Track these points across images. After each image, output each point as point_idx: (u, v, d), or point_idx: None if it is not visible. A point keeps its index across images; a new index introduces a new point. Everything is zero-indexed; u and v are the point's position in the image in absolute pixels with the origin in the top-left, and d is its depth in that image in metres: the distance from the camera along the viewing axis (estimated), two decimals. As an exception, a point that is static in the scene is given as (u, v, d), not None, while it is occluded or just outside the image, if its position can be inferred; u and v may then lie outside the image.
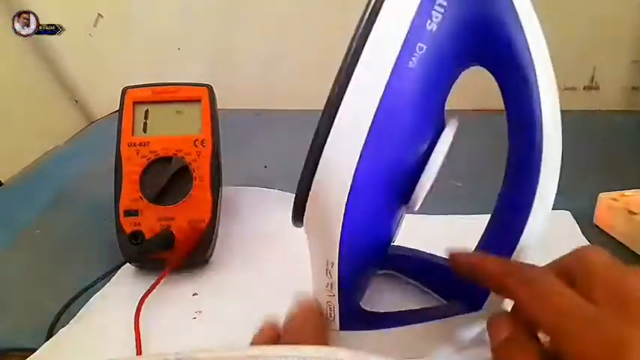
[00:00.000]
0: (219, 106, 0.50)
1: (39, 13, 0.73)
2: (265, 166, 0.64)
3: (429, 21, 0.27)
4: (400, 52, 0.27)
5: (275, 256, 0.47)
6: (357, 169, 0.28)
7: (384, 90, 0.27)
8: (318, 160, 0.28)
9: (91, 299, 0.42)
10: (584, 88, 0.79)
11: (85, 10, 0.81)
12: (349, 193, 0.28)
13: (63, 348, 0.37)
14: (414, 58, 0.27)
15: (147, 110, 0.49)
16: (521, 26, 0.28)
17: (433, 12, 0.27)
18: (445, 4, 0.27)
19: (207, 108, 0.49)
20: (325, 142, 0.28)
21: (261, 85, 0.83)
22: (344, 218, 0.29)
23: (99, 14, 0.80)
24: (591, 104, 0.79)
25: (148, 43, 0.82)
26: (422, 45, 0.27)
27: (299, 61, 0.81)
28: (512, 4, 0.28)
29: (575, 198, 0.52)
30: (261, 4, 0.80)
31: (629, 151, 0.65)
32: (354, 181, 0.28)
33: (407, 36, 0.27)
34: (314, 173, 0.28)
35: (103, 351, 0.37)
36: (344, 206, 0.29)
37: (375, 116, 0.27)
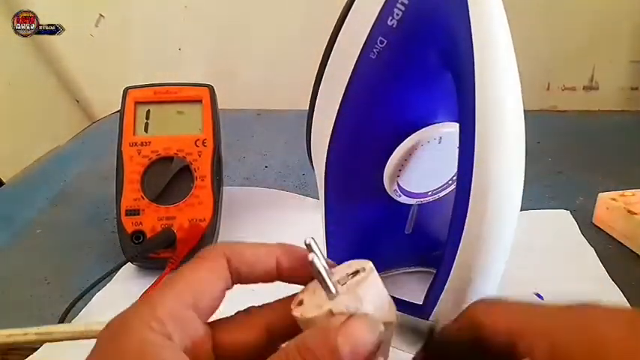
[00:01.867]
0: (220, 106, 0.50)
1: (39, 13, 0.73)
2: (265, 167, 0.65)
3: (390, 17, 0.29)
4: (364, 44, 0.30)
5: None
6: (335, 124, 0.33)
7: (350, 74, 0.31)
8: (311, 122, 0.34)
9: (93, 298, 0.42)
10: (583, 89, 0.79)
11: (85, 10, 0.81)
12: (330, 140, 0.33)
13: (63, 347, 0.37)
14: (375, 50, 0.30)
15: (148, 110, 0.49)
16: (469, 27, 0.27)
17: (395, 9, 0.29)
18: (406, 2, 0.29)
19: (208, 108, 0.49)
20: (316, 94, 0.33)
21: (261, 85, 0.83)
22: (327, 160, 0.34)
23: (100, 14, 0.81)
24: (590, 104, 0.79)
25: (149, 43, 0.82)
26: (382, 39, 0.30)
27: (299, 61, 0.81)
28: (467, 5, 0.27)
29: (574, 198, 0.53)
30: (261, 5, 0.80)
31: (629, 151, 0.65)
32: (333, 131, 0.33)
33: (370, 30, 0.30)
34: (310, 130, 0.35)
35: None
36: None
37: (345, 91, 0.31)
